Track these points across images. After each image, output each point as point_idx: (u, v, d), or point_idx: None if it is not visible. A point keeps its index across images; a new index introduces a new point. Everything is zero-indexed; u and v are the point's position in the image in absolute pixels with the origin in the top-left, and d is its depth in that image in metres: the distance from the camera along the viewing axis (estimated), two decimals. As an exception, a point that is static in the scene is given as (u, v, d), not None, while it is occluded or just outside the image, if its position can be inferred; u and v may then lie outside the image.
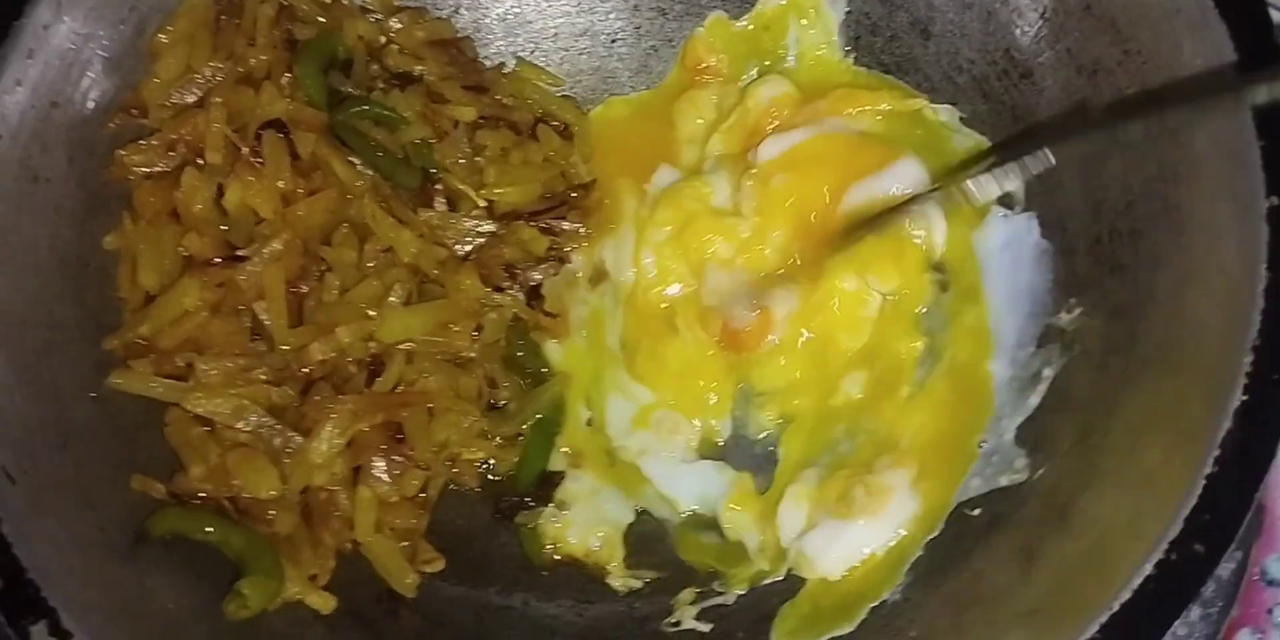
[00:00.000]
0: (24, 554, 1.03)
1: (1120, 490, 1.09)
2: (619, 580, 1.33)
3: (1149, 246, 1.19)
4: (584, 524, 1.35)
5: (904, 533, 1.26)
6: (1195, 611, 1.25)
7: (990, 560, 1.18)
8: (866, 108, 1.42)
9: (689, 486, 1.37)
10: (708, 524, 1.36)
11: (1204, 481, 1.00)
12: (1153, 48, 1.20)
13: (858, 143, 1.38)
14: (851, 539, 1.27)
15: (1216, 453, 1.01)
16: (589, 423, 1.39)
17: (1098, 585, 1.02)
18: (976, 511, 1.24)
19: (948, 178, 1.32)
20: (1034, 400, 1.26)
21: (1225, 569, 1.26)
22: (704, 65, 1.49)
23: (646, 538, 1.36)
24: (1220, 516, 1.00)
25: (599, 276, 1.44)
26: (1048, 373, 1.26)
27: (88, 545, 1.10)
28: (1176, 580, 0.99)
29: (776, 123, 1.43)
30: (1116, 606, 0.99)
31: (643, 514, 1.36)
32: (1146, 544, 1.00)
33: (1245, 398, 1.02)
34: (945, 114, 1.41)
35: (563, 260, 1.42)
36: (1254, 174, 1.08)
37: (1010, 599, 1.12)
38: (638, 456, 1.37)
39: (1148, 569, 0.99)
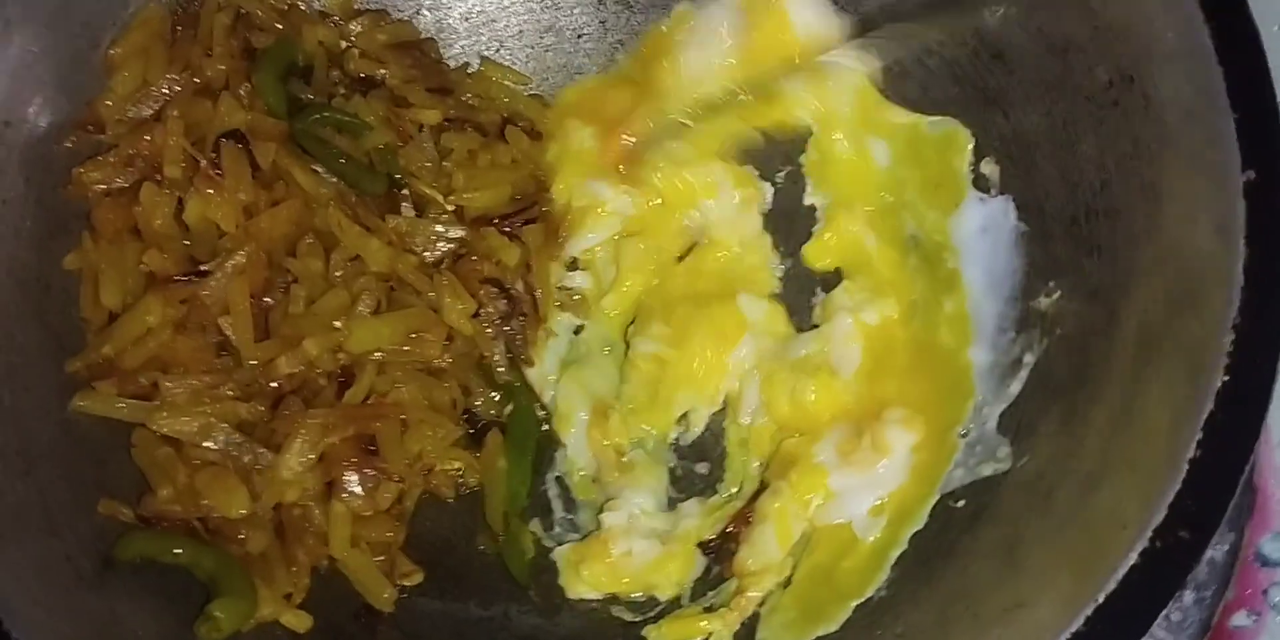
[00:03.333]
0: (-15, 585, 1.01)
1: (1103, 478, 1.07)
2: (604, 587, 1.31)
3: (1126, 226, 1.17)
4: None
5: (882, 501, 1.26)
6: (1189, 595, 1.23)
7: (975, 553, 1.16)
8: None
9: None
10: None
11: (1187, 466, 0.97)
12: (1123, 22, 1.18)
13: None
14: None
15: (1199, 436, 0.98)
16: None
17: (1083, 576, 0.99)
18: (960, 503, 1.21)
19: None
20: (1015, 387, 1.23)
21: (1219, 551, 1.24)
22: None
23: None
24: (1205, 502, 0.97)
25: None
26: (1028, 358, 1.24)
27: (52, 573, 1.08)
28: (1162, 569, 0.96)
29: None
30: (1102, 598, 0.96)
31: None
32: (1131, 533, 0.97)
33: (1227, 378, 0.99)
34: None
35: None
36: (1229, 147, 1.05)
37: (995, 593, 1.09)
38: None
39: (1133, 558, 0.96)
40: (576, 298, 1.39)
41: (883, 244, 1.37)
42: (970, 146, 1.34)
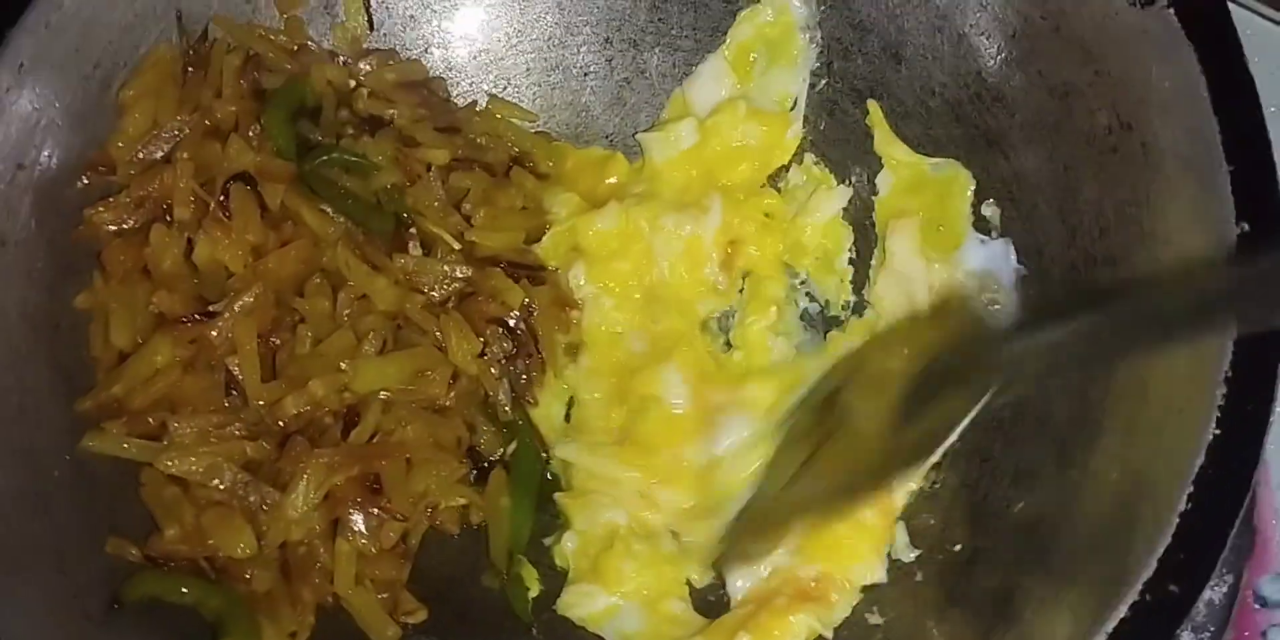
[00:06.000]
0: (-5, 623, 1.02)
1: (1097, 527, 1.08)
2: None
3: (1124, 274, 1.18)
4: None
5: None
6: (1186, 636, 1.23)
7: (969, 602, 1.16)
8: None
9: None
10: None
11: (1178, 519, 0.98)
12: (1122, 69, 1.19)
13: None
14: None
15: (1190, 489, 0.99)
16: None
17: (1075, 629, 1.00)
18: (958, 547, 1.22)
19: None
20: (1014, 430, 1.24)
21: (1217, 592, 1.24)
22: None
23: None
24: (1195, 556, 0.98)
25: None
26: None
27: (61, 611, 1.09)
28: (1151, 623, 0.97)
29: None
30: (1092, 651, 0.97)
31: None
32: (1123, 585, 0.98)
33: (1218, 431, 1.00)
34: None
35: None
36: (1224, 200, 1.06)
37: (989, 644, 1.10)
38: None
39: (1123, 612, 0.97)
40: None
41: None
42: (971, 189, 1.36)
